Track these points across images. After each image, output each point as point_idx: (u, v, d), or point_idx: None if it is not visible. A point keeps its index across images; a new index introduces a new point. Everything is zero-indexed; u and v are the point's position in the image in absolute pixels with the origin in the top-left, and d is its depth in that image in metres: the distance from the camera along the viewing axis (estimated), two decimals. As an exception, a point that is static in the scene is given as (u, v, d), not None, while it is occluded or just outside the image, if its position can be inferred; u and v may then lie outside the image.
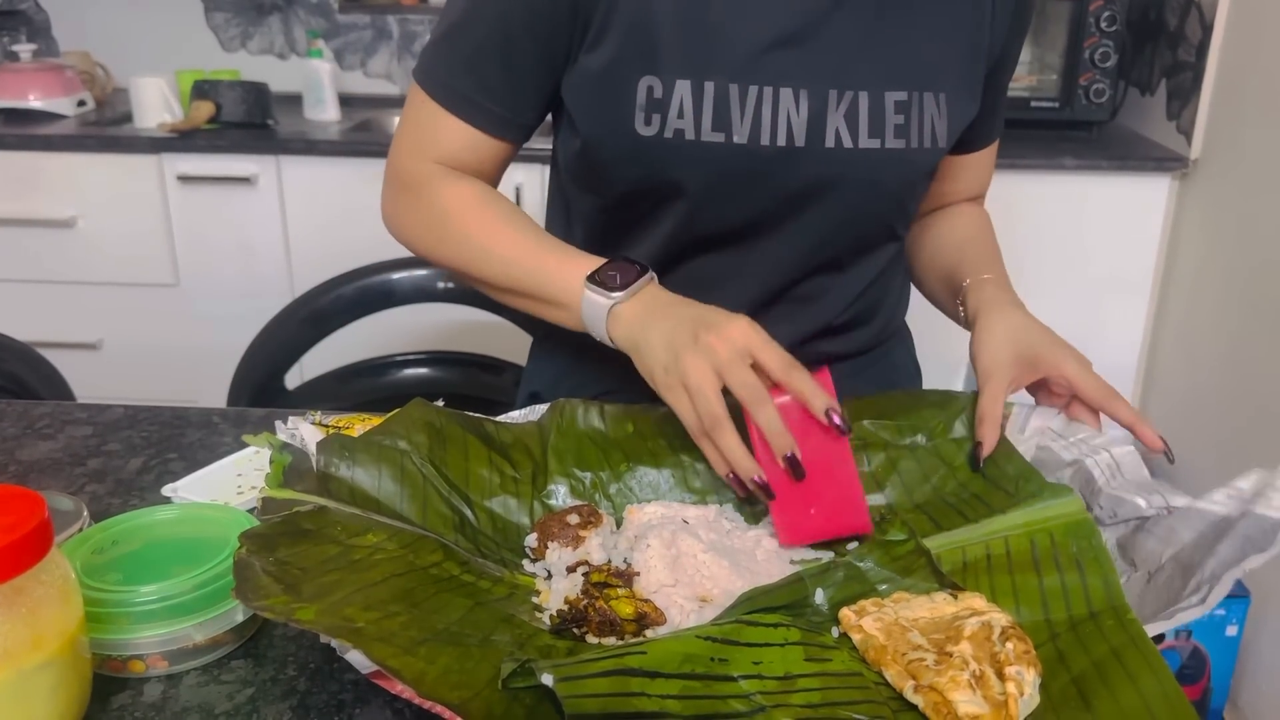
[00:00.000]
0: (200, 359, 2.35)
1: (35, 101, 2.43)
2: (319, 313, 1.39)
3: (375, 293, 1.40)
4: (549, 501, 0.78)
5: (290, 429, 0.78)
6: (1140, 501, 0.69)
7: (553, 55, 0.84)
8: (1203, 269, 2.13)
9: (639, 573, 0.68)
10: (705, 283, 0.86)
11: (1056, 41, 2.33)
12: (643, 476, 0.80)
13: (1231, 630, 0.64)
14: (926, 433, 0.82)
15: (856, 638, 0.61)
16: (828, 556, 0.72)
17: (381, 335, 1.62)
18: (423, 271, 1.39)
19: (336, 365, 1.46)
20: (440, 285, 1.39)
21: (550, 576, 0.70)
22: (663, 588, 0.66)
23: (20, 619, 0.52)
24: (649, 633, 0.64)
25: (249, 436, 0.79)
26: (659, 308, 0.77)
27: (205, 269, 2.35)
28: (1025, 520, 0.70)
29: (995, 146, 1.02)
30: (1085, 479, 0.75)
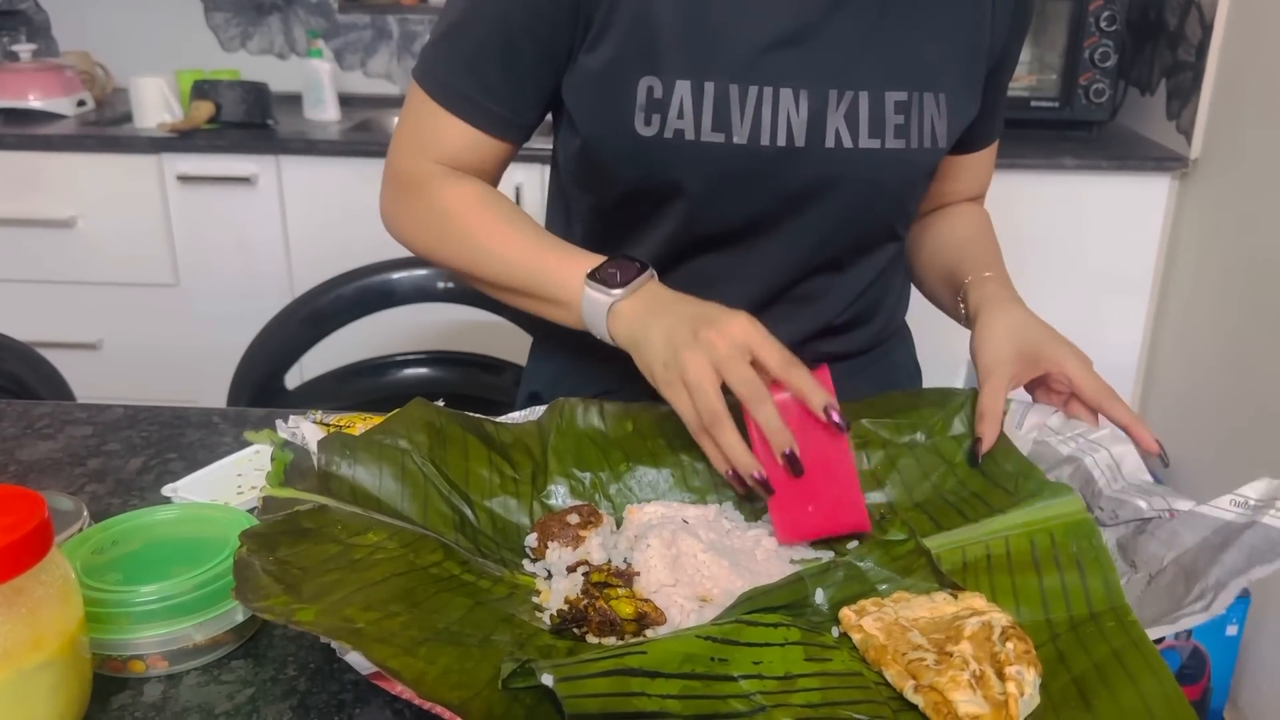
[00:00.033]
0: (200, 359, 2.35)
1: (35, 101, 2.43)
2: (319, 313, 1.39)
3: (375, 293, 1.40)
4: (549, 501, 0.78)
5: (291, 427, 0.78)
6: (1142, 503, 0.69)
7: (553, 55, 0.84)
8: (1202, 269, 2.13)
9: (639, 572, 0.67)
10: (705, 283, 0.86)
11: (1056, 41, 2.33)
12: (642, 476, 0.80)
13: (1231, 630, 0.64)
14: (925, 430, 0.82)
15: (856, 637, 0.61)
16: (828, 556, 0.72)
17: (381, 335, 1.62)
18: (423, 271, 1.39)
19: (336, 365, 1.46)
20: (440, 285, 1.39)
21: (550, 576, 0.70)
22: (663, 587, 0.66)
23: (20, 619, 0.52)
24: (649, 633, 0.64)
25: (251, 434, 0.79)
26: (659, 305, 0.77)
27: (205, 269, 2.35)
28: (1025, 520, 0.70)
29: (995, 146, 1.03)
30: (1085, 479, 0.74)
